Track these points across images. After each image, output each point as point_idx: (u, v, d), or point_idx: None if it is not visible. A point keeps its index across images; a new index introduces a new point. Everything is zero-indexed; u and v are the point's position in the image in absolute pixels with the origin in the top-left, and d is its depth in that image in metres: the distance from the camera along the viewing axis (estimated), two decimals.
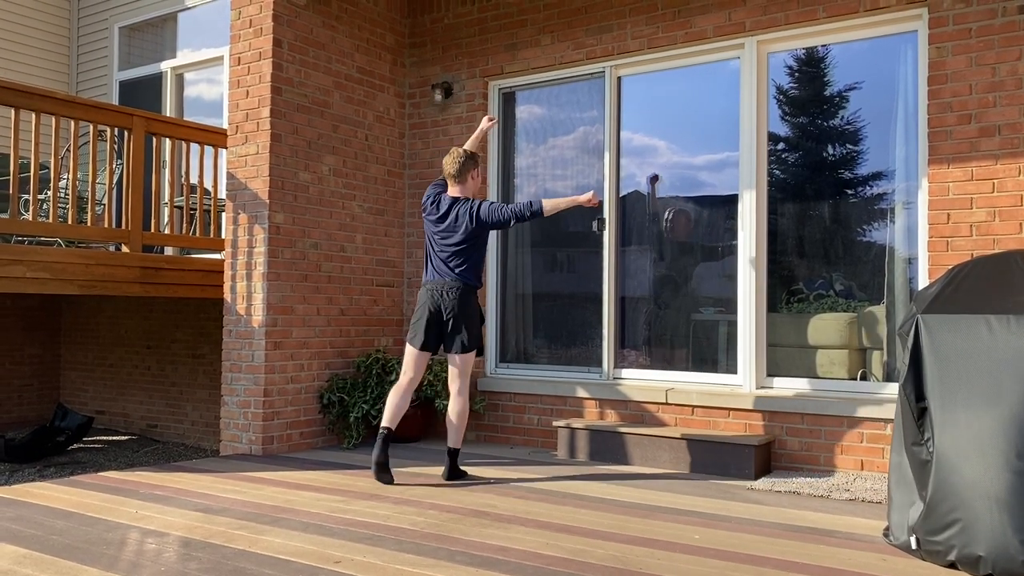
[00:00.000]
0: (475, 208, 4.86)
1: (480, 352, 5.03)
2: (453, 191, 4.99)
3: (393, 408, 4.87)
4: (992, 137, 4.75)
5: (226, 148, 6.18)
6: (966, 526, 3.15)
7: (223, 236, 6.31)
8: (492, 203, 4.90)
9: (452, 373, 4.93)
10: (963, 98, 4.83)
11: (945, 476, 3.24)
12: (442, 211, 4.94)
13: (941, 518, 3.23)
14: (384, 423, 4.85)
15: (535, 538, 3.67)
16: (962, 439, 3.22)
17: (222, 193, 6.76)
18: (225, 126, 6.37)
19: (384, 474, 4.77)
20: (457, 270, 4.88)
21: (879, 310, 5.25)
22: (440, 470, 5.11)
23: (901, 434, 3.53)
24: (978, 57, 4.80)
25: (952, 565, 3.22)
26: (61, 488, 4.71)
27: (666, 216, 6.04)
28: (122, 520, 3.97)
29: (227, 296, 6.01)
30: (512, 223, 4.87)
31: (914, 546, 3.35)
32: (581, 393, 6.00)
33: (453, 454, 4.94)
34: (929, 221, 4.92)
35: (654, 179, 6.00)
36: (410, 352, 4.94)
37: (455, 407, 4.93)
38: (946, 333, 3.41)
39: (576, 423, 5.73)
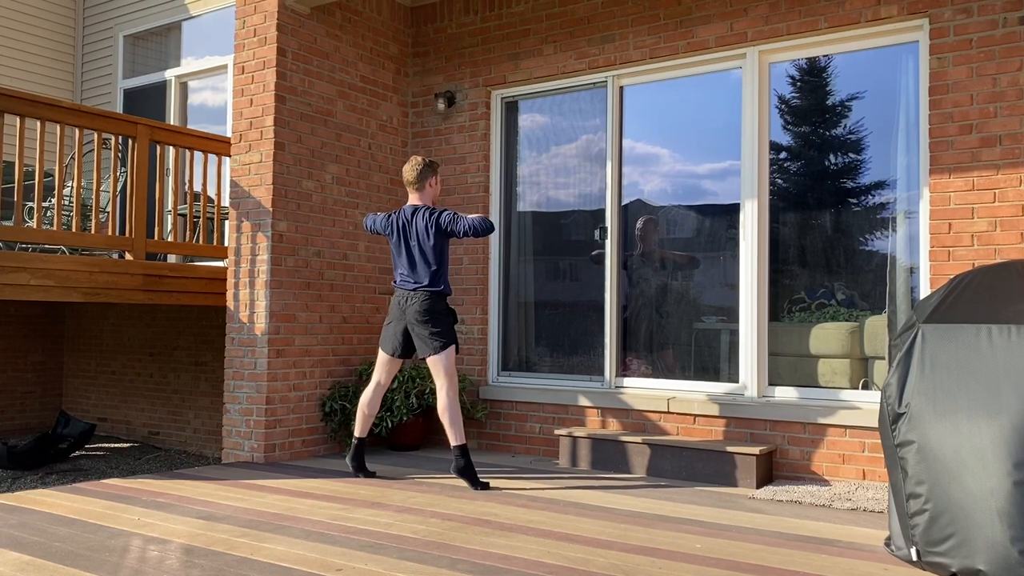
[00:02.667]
0: (438, 217, 5.01)
1: (451, 342, 5.05)
2: (413, 198, 5.18)
3: (362, 416, 5.22)
4: (993, 147, 4.76)
5: (229, 156, 6.21)
6: (966, 537, 3.15)
7: (226, 244, 6.33)
8: (454, 213, 5.04)
9: (432, 374, 5.10)
10: (964, 108, 4.85)
11: (946, 487, 3.24)
12: (402, 222, 5.09)
13: (941, 529, 3.23)
14: (356, 434, 5.24)
15: (537, 547, 3.68)
16: (963, 449, 3.22)
17: (225, 201, 6.79)
18: (229, 134, 6.40)
19: (360, 472, 5.23)
20: (423, 276, 5.00)
21: (881, 319, 5.25)
22: (443, 478, 5.16)
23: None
24: (979, 68, 4.81)
25: None
26: (64, 495, 4.71)
27: (637, 226, 6.09)
28: (124, 527, 3.98)
29: (230, 304, 6.03)
30: (470, 234, 5.01)
31: (914, 557, 3.35)
32: (583, 402, 6.00)
33: (455, 451, 4.98)
34: (931, 231, 4.93)
35: (645, 227, 6.06)
36: (379, 356, 5.22)
37: (438, 403, 5.03)
38: (947, 343, 3.42)
39: (578, 432, 5.74)
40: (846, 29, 5.26)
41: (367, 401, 5.20)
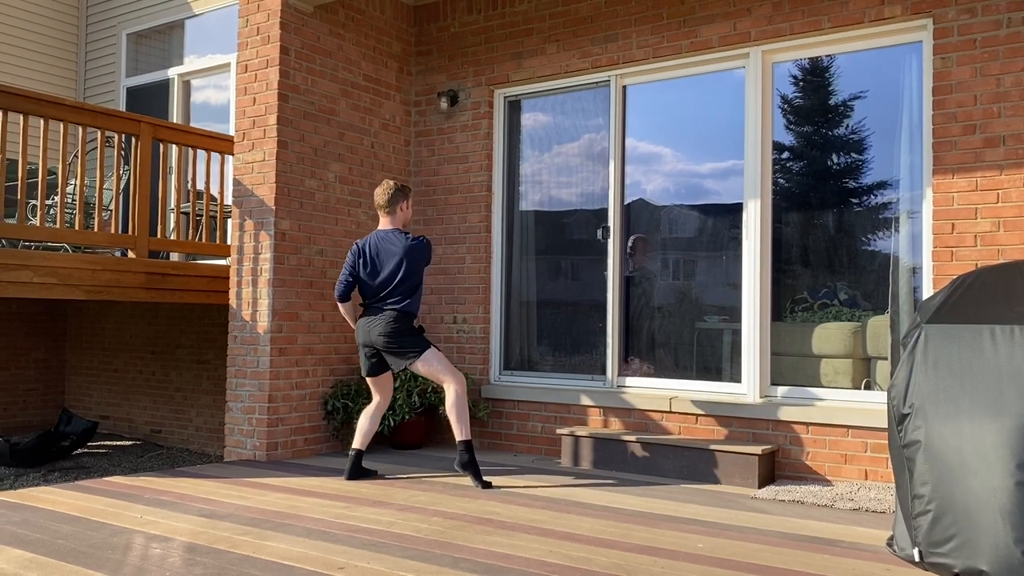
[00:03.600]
0: (423, 246, 5.11)
1: (425, 347, 5.07)
2: (384, 222, 5.20)
3: (361, 431, 5.20)
4: (996, 148, 4.76)
5: (232, 155, 6.21)
6: (969, 538, 3.15)
7: (229, 242, 6.33)
8: (429, 249, 5.16)
9: (429, 377, 5.15)
10: (967, 108, 4.84)
11: (949, 488, 3.24)
12: (374, 248, 5.09)
13: (944, 530, 3.23)
14: (354, 445, 5.20)
15: (539, 545, 3.68)
16: (966, 450, 3.22)
17: (228, 199, 6.79)
18: (232, 132, 6.40)
19: (357, 478, 5.16)
20: (395, 300, 5.03)
21: (883, 320, 5.25)
22: (445, 477, 5.18)
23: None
24: (983, 68, 4.81)
25: None
26: (66, 492, 4.72)
27: (629, 244, 6.11)
28: (127, 525, 3.98)
29: (232, 302, 6.03)
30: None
31: (917, 557, 3.35)
32: (585, 401, 6.00)
33: (461, 446, 4.99)
34: (933, 231, 4.93)
35: (634, 245, 6.11)
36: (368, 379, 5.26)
37: (446, 400, 5.06)
38: (950, 343, 3.41)
39: (580, 431, 5.74)
40: (849, 29, 5.26)
41: (368, 416, 5.22)
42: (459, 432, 4.99)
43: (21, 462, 6.74)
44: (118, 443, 8.13)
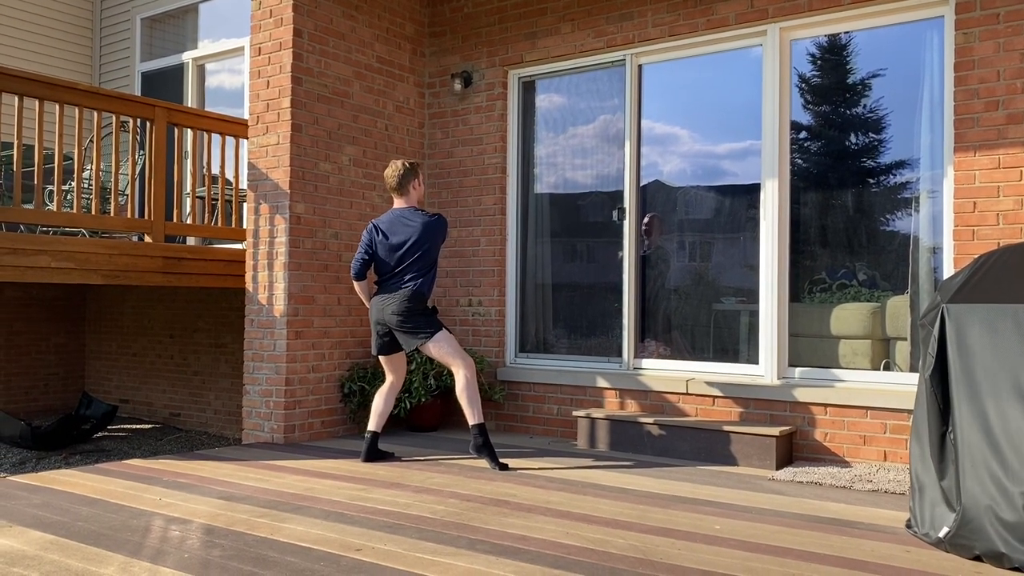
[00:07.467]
0: (444, 224, 5.12)
1: (438, 328, 5.06)
2: (398, 203, 5.18)
3: (376, 412, 5.21)
4: (1020, 124, 4.67)
5: (247, 138, 6.20)
6: (991, 520, 3.12)
7: (244, 226, 6.34)
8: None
9: (439, 360, 5.16)
10: (990, 84, 4.75)
11: (970, 469, 3.20)
12: (391, 228, 5.07)
13: (966, 511, 3.19)
14: (369, 427, 5.20)
15: (555, 527, 3.68)
16: (989, 432, 3.18)
17: (243, 183, 6.79)
18: (246, 116, 6.40)
19: (374, 460, 5.17)
20: (410, 279, 5.02)
21: (903, 300, 5.19)
22: (462, 459, 5.19)
23: (924, 425, 3.49)
24: (1006, 43, 4.72)
25: (977, 558, 3.18)
26: (86, 475, 4.77)
27: (644, 221, 6.06)
28: (146, 507, 4.02)
29: (249, 286, 6.05)
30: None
31: (941, 534, 3.32)
32: (601, 383, 5.99)
33: (474, 430, 4.99)
34: (954, 210, 4.85)
35: (650, 223, 6.05)
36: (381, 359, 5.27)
37: (456, 385, 5.06)
38: (972, 324, 3.36)
39: (596, 413, 5.73)
40: (869, 4, 5.17)
41: (382, 397, 5.23)
42: (471, 416, 4.99)
43: (42, 445, 6.82)
44: (137, 426, 8.20)
